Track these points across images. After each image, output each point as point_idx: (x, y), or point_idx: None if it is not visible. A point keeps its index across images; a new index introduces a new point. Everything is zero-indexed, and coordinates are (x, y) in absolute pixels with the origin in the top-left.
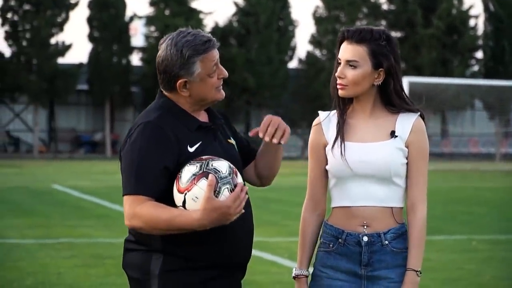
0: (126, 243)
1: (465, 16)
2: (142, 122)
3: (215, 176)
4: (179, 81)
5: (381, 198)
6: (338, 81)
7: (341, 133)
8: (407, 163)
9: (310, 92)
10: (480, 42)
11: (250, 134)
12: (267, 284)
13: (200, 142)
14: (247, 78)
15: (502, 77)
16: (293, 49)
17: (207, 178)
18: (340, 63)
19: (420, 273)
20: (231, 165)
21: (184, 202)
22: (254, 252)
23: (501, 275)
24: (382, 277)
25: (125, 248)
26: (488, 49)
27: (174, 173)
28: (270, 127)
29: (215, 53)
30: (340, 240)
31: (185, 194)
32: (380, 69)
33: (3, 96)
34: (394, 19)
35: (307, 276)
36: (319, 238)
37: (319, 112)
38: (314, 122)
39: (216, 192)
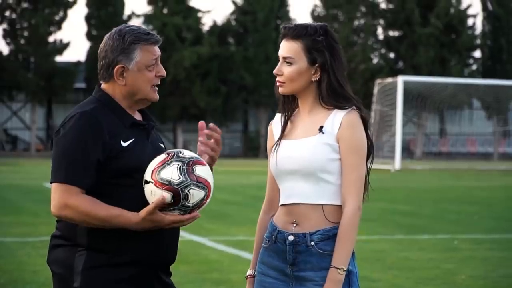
0: (53, 239)
1: (463, 15)
2: (78, 112)
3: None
4: (117, 67)
5: (310, 195)
6: (277, 78)
7: (282, 131)
8: (340, 159)
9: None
10: (478, 41)
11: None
12: (240, 283)
13: (134, 138)
14: (244, 76)
15: (500, 76)
16: None
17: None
18: (279, 60)
19: (344, 270)
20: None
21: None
22: (232, 250)
23: (478, 274)
24: (308, 278)
25: (51, 244)
26: (486, 48)
27: (103, 167)
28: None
29: (157, 50)
30: (273, 237)
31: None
32: (316, 65)
33: (0, 94)
34: (392, 18)
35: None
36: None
37: (277, 113)
38: (269, 124)
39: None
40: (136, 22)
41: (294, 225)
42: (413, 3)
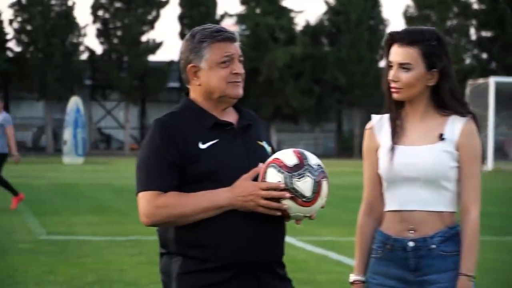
0: (159, 248)
1: None
2: (154, 120)
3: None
4: (189, 66)
5: (429, 202)
6: (392, 84)
7: (393, 136)
8: (458, 167)
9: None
10: None
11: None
12: (325, 283)
13: (217, 140)
14: (338, 76)
15: None
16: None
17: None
18: (391, 66)
19: (474, 277)
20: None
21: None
22: (320, 251)
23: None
24: (432, 281)
25: (159, 252)
26: None
27: (182, 169)
28: None
29: (231, 47)
30: (388, 246)
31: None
32: (433, 70)
33: (94, 93)
34: (484, 19)
35: (364, 282)
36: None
37: (372, 115)
38: (367, 126)
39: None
40: (229, 22)
41: (411, 231)
42: (505, 3)
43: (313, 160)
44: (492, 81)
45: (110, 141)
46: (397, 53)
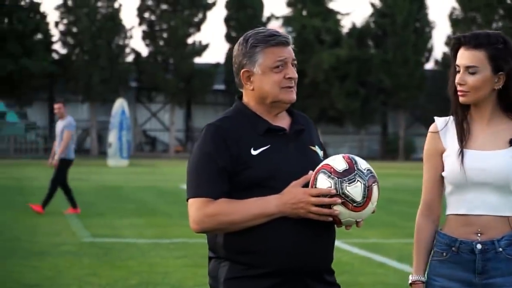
0: (208, 252)
1: None
2: (206, 125)
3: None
4: (242, 71)
5: (498, 207)
6: (459, 88)
7: (462, 140)
8: None
9: (447, 93)
10: None
11: None
12: (369, 285)
13: (269, 145)
14: (383, 79)
15: None
16: (430, 50)
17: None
18: (458, 70)
19: None
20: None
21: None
22: (364, 253)
23: None
24: (498, 285)
25: (208, 256)
26: None
27: (233, 175)
28: None
29: (285, 51)
30: (453, 248)
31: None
32: (500, 73)
33: (140, 95)
34: None
35: (424, 282)
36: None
37: (436, 118)
38: (431, 129)
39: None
40: (275, 24)
41: (479, 234)
42: None
43: (363, 165)
44: None
45: (155, 144)
46: (463, 56)
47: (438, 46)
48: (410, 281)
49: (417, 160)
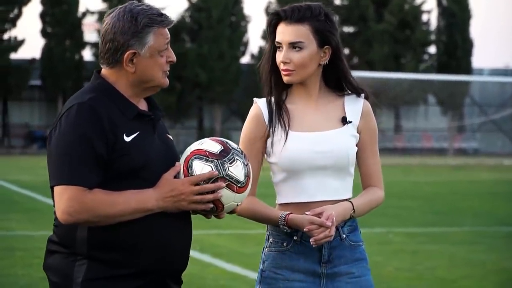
0: (49, 244)
1: (417, 11)
2: (75, 103)
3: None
4: (128, 52)
5: (338, 190)
6: (282, 67)
7: (288, 123)
8: (358, 149)
9: (263, 87)
10: (433, 37)
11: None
12: None
13: (138, 132)
14: (199, 73)
15: (455, 72)
16: (245, 44)
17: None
18: (279, 47)
19: (354, 211)
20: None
21: None
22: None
23: (404, 266)
24: (343, 273)
25: (47, 249)
26: (441, 44)
27: (108, 164)
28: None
29: (168, 32)
30: (295, 237)
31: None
32: (326, 47)
33: None
34: (346, 14)
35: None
36: (266, 239)
37: (256, 99)
38: (253, 111)
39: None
40: (91, 19)
41: None
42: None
43: (233, 144)
44: (357, 75)
45: None
46: (285, 32)
47: (254, 40)
48: (282, 221)
49: None
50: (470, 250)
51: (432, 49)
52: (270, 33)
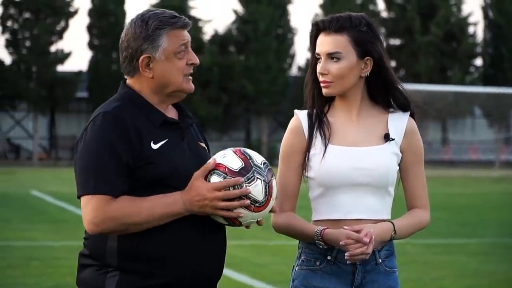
0: (81, 258)
1: (463, 23)
2: (100, 112)
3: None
4: (142, 57)
5: (376, 209)
6: (321, 78)
7: (329, 137)
8: (399, 168)
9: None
10: (479, 49)
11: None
12: None
13: (166, 139)
14: (246, 85)
15: (501, 84)
16: (292, 56)
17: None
18: (319, 59)
19: (395, 233)
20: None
21: None
22: None
23: (412, 277)
24: None
25: (79, 264)
26: (487, 56)
27: (134, 172)
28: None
29: (186, 34)
30: (329, 257)
31: None
32: (367, 58)
33: (3, 103)
34: (392, 27)
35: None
36: (297, 257)
37: (296, 111)
38: (292, 123)
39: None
40: None
41: None
42: (413, 12)
43: (258, 158)
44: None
45: (20, 151)
46: (324, 42)
47: (301, 52)
48: (318, 236)
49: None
50: (482, 260)
51: (479, 61)
52: (311, 44)
